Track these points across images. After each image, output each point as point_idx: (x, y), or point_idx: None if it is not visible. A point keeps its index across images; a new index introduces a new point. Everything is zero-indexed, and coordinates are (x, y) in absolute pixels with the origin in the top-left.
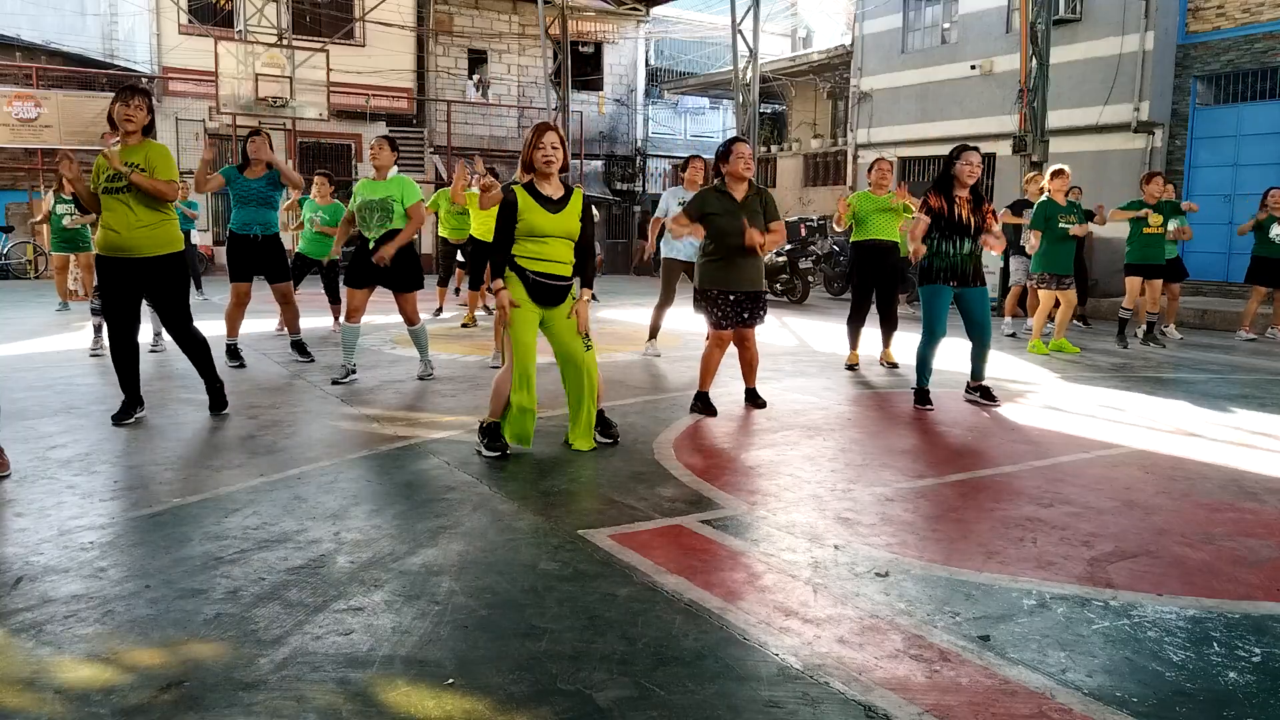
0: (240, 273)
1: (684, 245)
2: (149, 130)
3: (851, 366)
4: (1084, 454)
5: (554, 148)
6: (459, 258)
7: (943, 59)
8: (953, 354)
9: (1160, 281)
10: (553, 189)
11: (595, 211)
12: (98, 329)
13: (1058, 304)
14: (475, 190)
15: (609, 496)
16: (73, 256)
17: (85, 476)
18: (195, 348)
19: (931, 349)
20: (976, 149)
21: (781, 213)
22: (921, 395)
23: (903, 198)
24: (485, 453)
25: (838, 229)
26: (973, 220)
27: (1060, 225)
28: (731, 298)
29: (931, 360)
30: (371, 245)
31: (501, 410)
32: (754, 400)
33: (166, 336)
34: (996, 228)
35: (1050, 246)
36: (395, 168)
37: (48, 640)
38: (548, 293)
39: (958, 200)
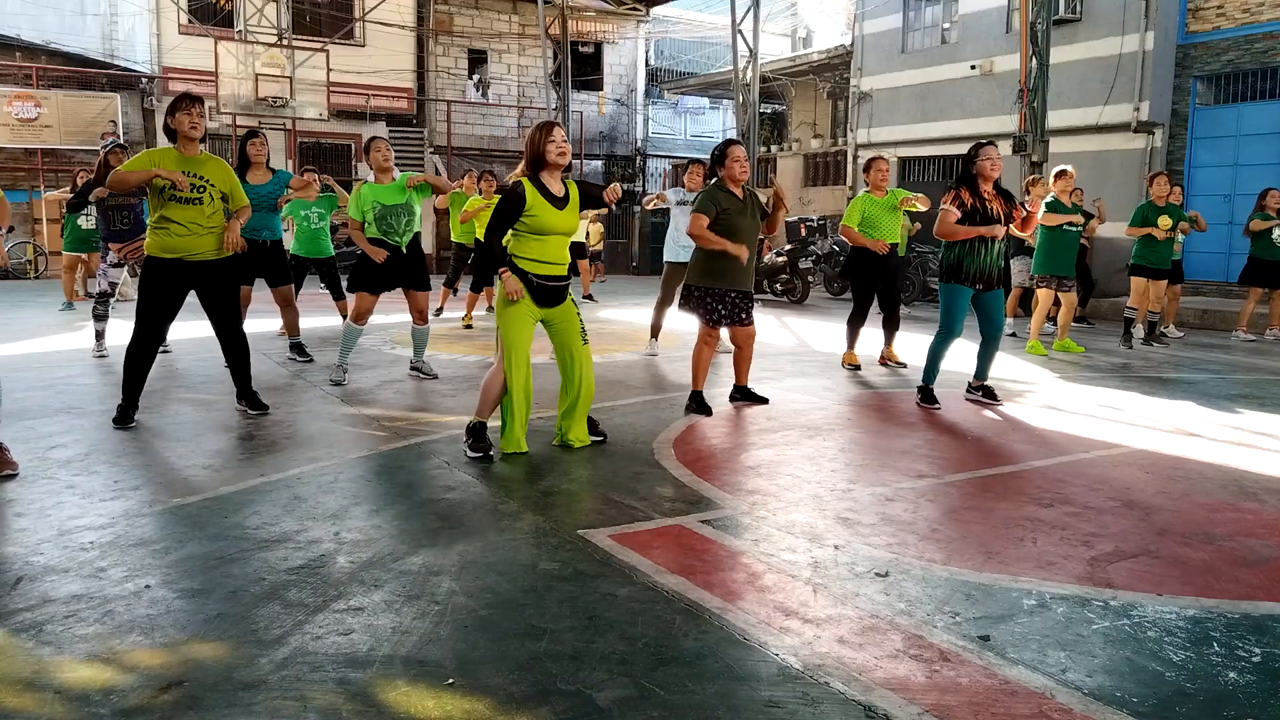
0: (245, 277)
1: (688, 250)
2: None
3: (855, 367)
4: (1084, 454)
5: (564, 140)
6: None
7: (943, 59)
8: (953, 354)
9: (1164, 282)
10: (556, 185)
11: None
12: (100, 334)
13: (1057, 304)
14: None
15: (609, 496)
16: (84, 257)
17: (85, 476)
18: (245, 349)
19: (945, 347)
20: (994, 143)
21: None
22: (928, 394)
23: (906, 205)
24: (470, 453)
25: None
26: (1004, 215)
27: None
28: (730, 296)
29: (943, 359)
30: (404, 249)
31: (490, 409)
32: (751, 397)
33: (170, 337)
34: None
35: (1054, 248)
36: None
37: (48, 640)
38: (550, 294)
39: (986, 196)
